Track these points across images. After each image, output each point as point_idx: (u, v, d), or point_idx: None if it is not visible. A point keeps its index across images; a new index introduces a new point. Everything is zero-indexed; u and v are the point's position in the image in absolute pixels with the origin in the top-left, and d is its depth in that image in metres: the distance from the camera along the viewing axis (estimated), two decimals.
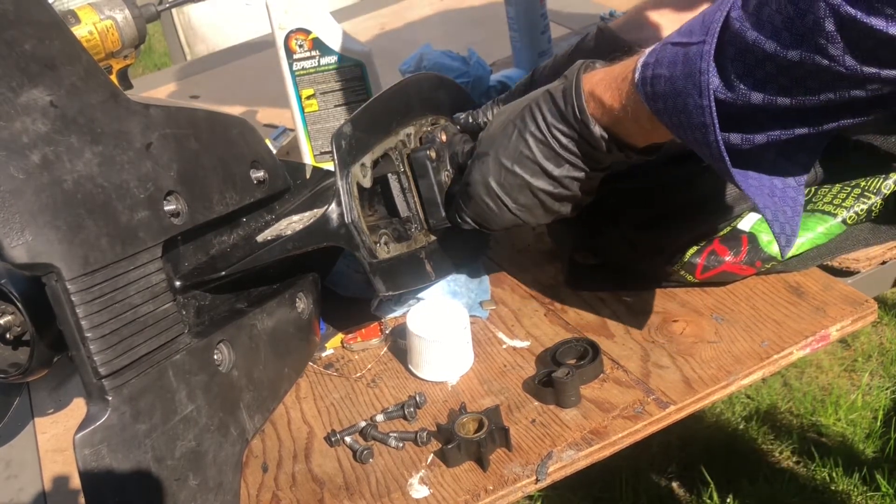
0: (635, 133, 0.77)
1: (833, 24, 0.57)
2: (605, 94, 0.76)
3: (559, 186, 0.82)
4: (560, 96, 0.79)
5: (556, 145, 0.79)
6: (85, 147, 0.72)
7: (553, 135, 0.79)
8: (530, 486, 0.77)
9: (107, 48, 1.18)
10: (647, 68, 0.71)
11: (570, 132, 0.79)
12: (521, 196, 0.83)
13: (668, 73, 0.68)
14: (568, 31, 1.54)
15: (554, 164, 0.80)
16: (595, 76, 0.78)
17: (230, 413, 0.81)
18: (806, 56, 0.60)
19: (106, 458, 0.69)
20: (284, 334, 0.90)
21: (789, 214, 0.72)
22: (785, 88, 0.63)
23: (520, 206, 0.84)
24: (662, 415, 0.80)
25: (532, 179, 0.82)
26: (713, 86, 0.65)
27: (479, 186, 0.85)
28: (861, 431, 1.87)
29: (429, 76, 1.03)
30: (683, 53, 0.67)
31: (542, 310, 0.95)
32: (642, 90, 0.71)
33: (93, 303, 0.70)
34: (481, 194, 0.85)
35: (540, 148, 0.80)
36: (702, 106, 0.66)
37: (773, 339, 0.84)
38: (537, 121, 0.80)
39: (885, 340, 2.10)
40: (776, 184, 0.72)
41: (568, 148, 0.79)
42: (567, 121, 0.78)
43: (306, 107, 1.18)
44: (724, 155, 0.67)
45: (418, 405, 0.87)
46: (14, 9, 0.67)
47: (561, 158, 0.80)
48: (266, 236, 0.89)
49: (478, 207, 0.86)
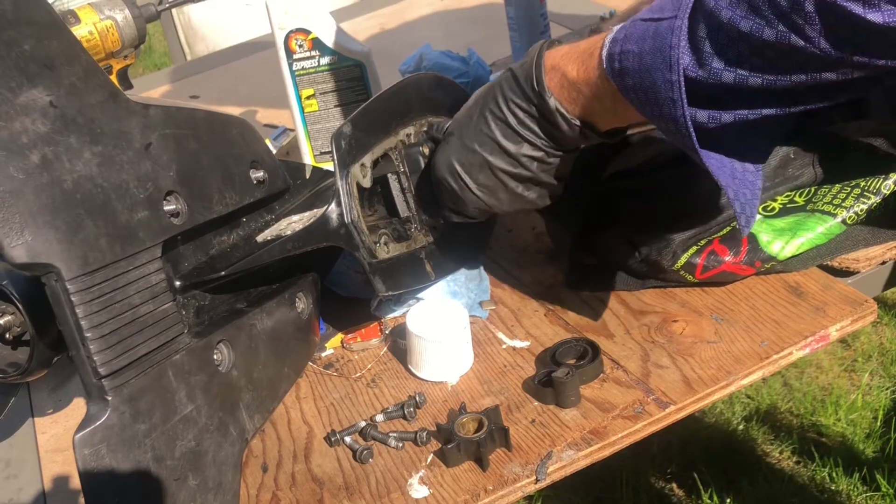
0: (597, 113, 0.76)
1: (813, 5, 0.58)
2: (568, 66, 0.75)
3: (518, 166, 0.81)
4: (520, 71, 0.79)
5: (513, 121, 0.79)
6: (84, 147, 0.72)
7: (511, 110, 0.79)
8: (530, 486, 0.77)
9: (107, 48, 1.18)
10: (616, 44, 0.70)
11: (528, 107, 0.78)
12: (481, 175, 0.83)
13: (636, 49, 0.68)
14: (568, 31, 1.54)
15: (511, 141, 0.80)
16: (560, 51, 0.77)
17: (230, 413, 0.81)
18: (782, 36, 0.60)
19: (106, 458, 0.69)
20: (284, 334, 0.90)
21: (748, 196, 0.72)
22: (757, 68, 0.63)
23: (481, 187, 0.84)
24: (662, 415, 0.80)
25: (490, 157, 0.82)
26: (683, 63, 0.65)
27: (443, 167, 0.86)
28: (861, 431, 1.87)
29: (428, 76, 1.03)
30: (654, 29, 0.67)
31: (542, 310, 0.95)
32: (609, 66, 0.70)
33: (92, 303, 0.70)
34: (444, 174, 0.86)
35: (498, 125, 0.80)
36: (670, 81, 0.65)
37: (773, 339, 0.84)
38: (497, 98, 0.80)
39: (885, 340, 2.10)
40: (735, 167, 0.72)
41: (525, 124, 0.79)
42: (525, 94, 0.78)
43: (306, 107, 1.18)
44: (691, 131, 0.66)
45: (418, 405, 0.87)
46: (13, 9, 0.67)
47: (518, 136, 0.80)
48: (266, 236, 0.89)
49: (443, 188, 0.87)
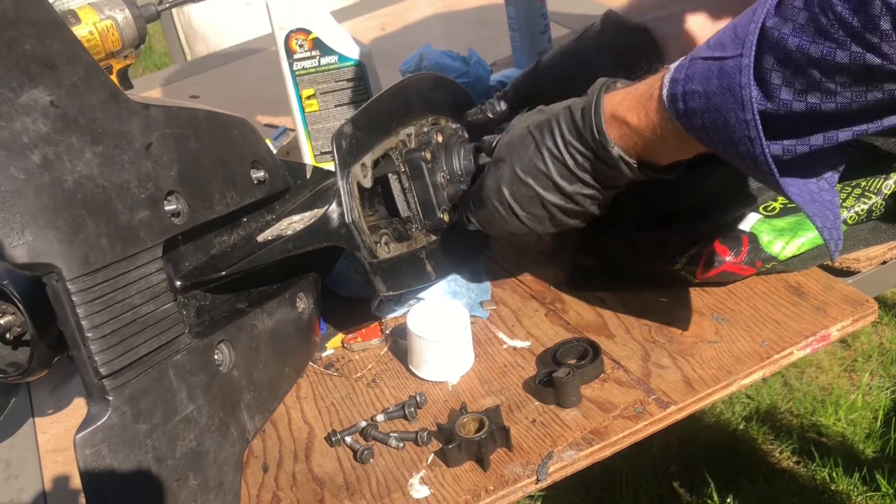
0: (659, 151, 0.76)
1: (889, 22, 0.57)
2: (628, 114, 0.75)
3: (570, 202, 0.82)
4: (579, 115, 0.78)
5: (570, 163, 0.80)
6: (85, 147, 0.72)
7: (570, 152, 0.79)
8: (531, 486, 0.77)
9: (107, 48, 1.18)
10: (677, 84, 0.69)
11: (587, 152, 0.79)
12: (531, 207, 0.84)
13: (702, 89, 0.67)
14: (568, 30, 1.54)
15: (567, 181, 0.81)
16: (616, 96, 0.77)
17: (231, 413, 0.81)
18: (856, 56, 0.60)
19: (107, 458, 0.69)
20: (285, 334, 0.90)
21: (831, 219, 0.71)
22: (829, 92, 0.62)
23: (529, 216, 0.85)
24: (663, 415, 0.80)
25: (544, 193, 0.82)
26: (754, 98, 0.64)
27: (492, 193, 0.85)
28: (861, 431, 1.87)
29: (429, 76, 1.03)
30: (718, 68, 0.66)
31: (543, 310, 0.95)
32: (672, 107, 0.70)
33: (93, 303, 0.70)
34: (493, 200, 0.85)
35: (555, 164, 0.80)
36: (745, 120, 0.65)
37: (774, 339, 0.84)
38: (555, 136, 0.80)
39: (885, 340, 2.10)
40: (812, 188, 0.71)
41: (582, 166, 0.79)
42: (584, 140, 0.78)
43: (306, 107, 1.18)
44: (773, 167, 0.66)
45: (419, 405, 0.87)
46: (14, 9, 0.67)
47: (574, 176, 0.80)
48: (266, 236, 0.89)
49: (488, 213, 0.87)
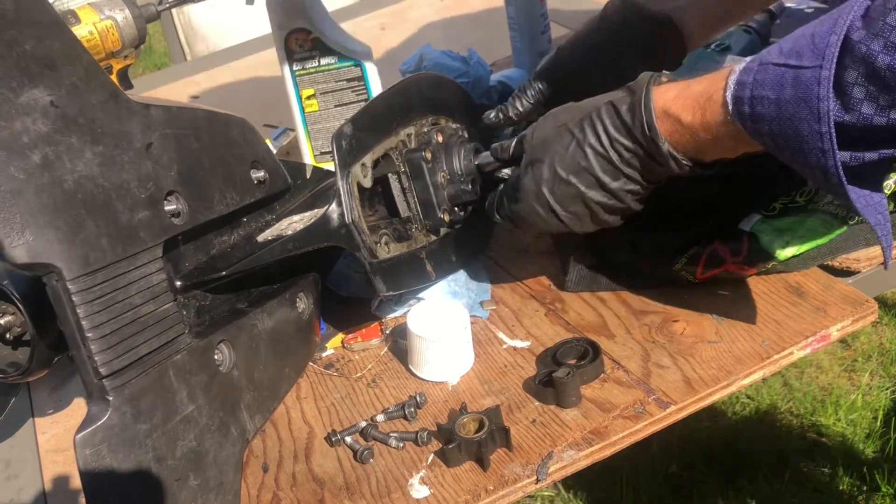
0: (710, 150, 0.75)
1: None
2: (682, 111, 0.74)
3: (612, 198, 0.81)
4: (626, 110, 0.77)
5: (616, 159, 0.78)
6: (85, 147, 0.72)
7: (615, 148, 0.78)
8: (531, 486, 0.77)
9: (107, 48, 1.18)
10: (743, 88, 0.68)
11: (634, 147, 0.77)
12: (573, 205, 0.82)
13: (773, 96, 0.66)
14: (568, 30, 1.53)
15: (611, 177, 0.79)
16: (668, 92, 0.75)
17: (231, 413, 0.81)
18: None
19: (107, 458, 0.69)
20: (285, 334, 0.90)
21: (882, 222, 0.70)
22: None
23: (570, 215, 0.83)
24: (663, 415, 0.80)
25: (587, 190, 0.81)
26: (831, 110, 0.63)
27: (531, 194, 0.83)
28: (861, 431, 1.87)
29: (429, 76, 1.03)
30: (793, 76, 0.65)
31: (543, 310, 0.95)
32: (736, 110, 0.69)
33: (93, 303, 0.70)
34: (532, 201, 0.84)
35: (599, 161, 0.79)
36: (819, 132, 0.64)
37: (774, 339, 0.84)
38: (598, 133, 0.79)
39: (885, 340, 2.10)
40: (872, 197, 0.70)
41: (629, 162, 0.78)
42: (633, 136, 0.77)
43: (306, 107, 1.18)
44: (843, 179, 0.65)
45: (419, 405, 0.87)
46: (14, 9, 0.67)
47: (619, 172, 0.79)
48: (266, 236, 0.89)
49: (526, 213, 0.85)
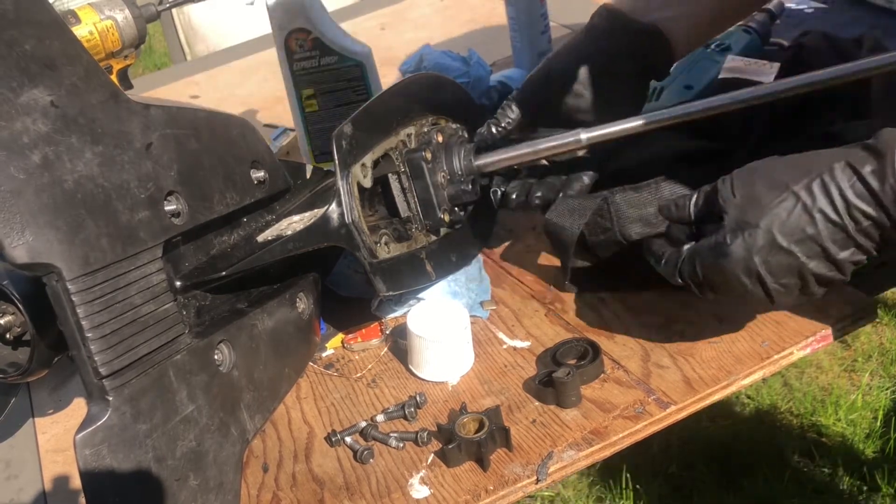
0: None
1: None
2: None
3: (834, 269, 0.71)
4: (870, 173, 0.68)
5: (851, 227, 0.69)
6: (85, 147, 0.72)
7: (852, 215, 0.69)
8: (531, 487, 0.77)
9: (107, 48, 1.18)
10: None
11: (879, 216, 0.68)
12: (785, 276, 0.72)
13: None
14: (568, 31, 1.54)
15: (840, 246, 0.70)
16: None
17: (231, 413, 0.81)
18: None
19: (107, 458, 0.69)
20: (285, 334, 0.90)
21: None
22: None
23: (780, 287, 0.73)
24: (663, 415, 0.80)
25: (808, 261, 0.71)
26: None
27: (739, 263, 0.72)
28: (861, 431, 1.87)
29: (429, 76, 1.03)
30: None
31: (543, 310, 0.95)
32: None
33: (93, 303, 0.70)
34: (738, 271, 0.72)
35: (829, 228, 0.70)
36: None
37: (774, 338, 0.84)
38: (832, 197, 0.69)
39: (885, 340, 2.10)
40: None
41: (866, 232, 0.69)
42: (880, 203, 0.68)
43: (306, 107, 1.18)
44: None
45: (419, 405, 0.87)
46: (14, 9, 0.67)
47: (851, 241, 0.70)
48: (266, 236, 0.89)
49: (726, 281, 0.74)
